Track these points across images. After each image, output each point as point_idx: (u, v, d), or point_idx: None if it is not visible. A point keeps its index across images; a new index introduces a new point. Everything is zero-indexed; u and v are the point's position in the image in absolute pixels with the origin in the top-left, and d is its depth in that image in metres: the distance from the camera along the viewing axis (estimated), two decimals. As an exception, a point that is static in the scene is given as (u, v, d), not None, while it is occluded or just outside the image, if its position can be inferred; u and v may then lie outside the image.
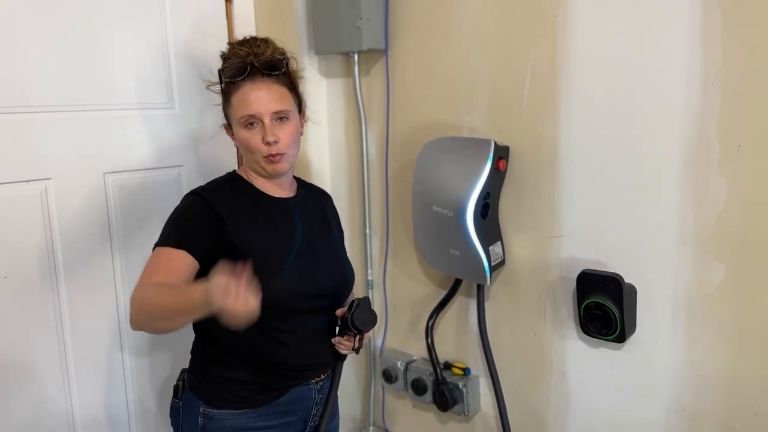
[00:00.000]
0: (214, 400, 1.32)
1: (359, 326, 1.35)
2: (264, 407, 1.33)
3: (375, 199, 1.96)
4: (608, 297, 1.43)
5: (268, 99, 1.29)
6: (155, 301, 1.12)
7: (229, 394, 1.31)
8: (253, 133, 1.29)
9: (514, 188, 1.61)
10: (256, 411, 1.32)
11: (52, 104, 1.54)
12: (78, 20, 1.56)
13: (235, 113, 1.30)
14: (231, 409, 1.31)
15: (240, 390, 1.31)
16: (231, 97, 1.31)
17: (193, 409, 1.33)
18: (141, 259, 1.70)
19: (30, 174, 1.51)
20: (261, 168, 1.33)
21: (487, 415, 1.80)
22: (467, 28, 1.64)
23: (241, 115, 1.29)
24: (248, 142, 1.30)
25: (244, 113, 1.28)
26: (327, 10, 1.80)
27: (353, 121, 1.95)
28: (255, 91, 1.28)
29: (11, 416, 1.53)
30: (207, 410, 1.31)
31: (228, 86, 1.31)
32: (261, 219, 1.33)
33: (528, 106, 1.56)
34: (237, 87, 1.29)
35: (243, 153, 1.35)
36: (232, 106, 1.31)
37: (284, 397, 1.34)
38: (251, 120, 1.29)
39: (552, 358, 1.62)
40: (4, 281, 1.49)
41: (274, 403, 1.34)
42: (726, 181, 1.30)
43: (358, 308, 1.35)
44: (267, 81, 1.29)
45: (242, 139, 1.31)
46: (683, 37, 1.31)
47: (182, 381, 1.38)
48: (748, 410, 1.35)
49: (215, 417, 1.31)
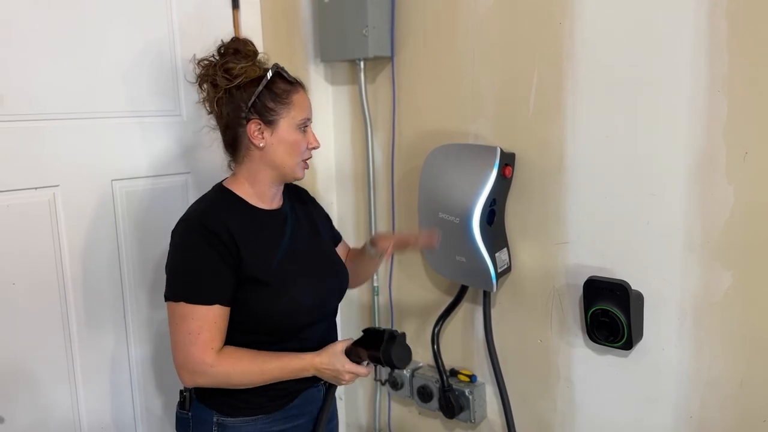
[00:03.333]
0: (228, 409, 1.31)
1: (396, 363, 1.25)
2: (278, 412, 1.33)
3: (381, 205, 1.96)
4: (615, 304, 1.42)
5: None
6: (256, 373, 1.25)
7: (243, 402, 1.30)
8: (305, 136, 1.32)
9: (521, 195, 1.61)
10: (270, 416, 1.32)
11: (60, 112, 1.55)
12: (86, 29, 1.57)
13: (296, 114, 1.29)
14: (245, 416, 1.31)
15: (254, 397, 1.30)
16: (290, 96, 1.29)
17: (204, 419, 1.32)
18: (148, 266, 1.72)
19: (38, 181, 1.52)
20: (292, 172, 1.32)
21: (493, 422, 1.79)
22: (473, 36, 1.65)
23: (302, 117, 1.30)
24: (299, 145, 1.31)
25: (305, 115, 1.31)
26: (333, 17, 1.81)
27: (359, 128, 1.96)
28: (307, 96, 1.34)
29: (18, 421, 1.53)
30: (221, 419, 1.30)
31: (284, 83, 1.30)
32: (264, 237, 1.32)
33: (534, 113, 1.56)
34: (296, 88, 1.31)
35: (278, 156, 1.29)
36: (290, 105, 1.29)
37: (297, 400, 1.35)
38: (307, 123, 1.32)
39: (558, 365, 1.62)
40: (13, 287, 1.49)
41: (286, 408, 1.34)
42: (733, 188, 1.30)
43: (395, 344, 1.25)
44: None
45: (293, 140, 1.30)
46: (689, 44, 1.31)
47: (189, 392, 1.36)
48: (755, 418, 1.34)
49: (230, 425, 1.30)
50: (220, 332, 1.23)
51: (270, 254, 1.30)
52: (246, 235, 1.27)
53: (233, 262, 1.24)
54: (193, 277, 1.23)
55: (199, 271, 1.23)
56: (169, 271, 1.27)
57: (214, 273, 1.23)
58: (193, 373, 1.23)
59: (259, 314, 1.27)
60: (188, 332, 1.21)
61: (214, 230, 1.23)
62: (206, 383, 1.25)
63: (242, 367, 1.24)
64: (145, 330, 1.75)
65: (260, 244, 1.29)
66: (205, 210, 1.29)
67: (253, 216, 1.32)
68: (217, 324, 1.23)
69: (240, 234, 1.25)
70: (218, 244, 1.22)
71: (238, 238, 1.25)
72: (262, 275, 1.27)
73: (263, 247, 1.30)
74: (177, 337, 1.23)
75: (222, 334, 1.24)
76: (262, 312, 1.27)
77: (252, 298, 1.26)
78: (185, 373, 1.24)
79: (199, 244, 1.23)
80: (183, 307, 1.22)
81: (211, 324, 1.22)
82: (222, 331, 1.24)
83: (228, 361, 1.23)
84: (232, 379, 1.25)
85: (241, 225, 1.27)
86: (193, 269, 1.24)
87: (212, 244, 1.22)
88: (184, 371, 1.24)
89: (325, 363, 1.28)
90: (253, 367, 1.25)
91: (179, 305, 1.22)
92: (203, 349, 1.21)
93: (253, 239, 1.28)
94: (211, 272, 1.22)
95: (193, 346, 1.21)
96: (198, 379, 1.24)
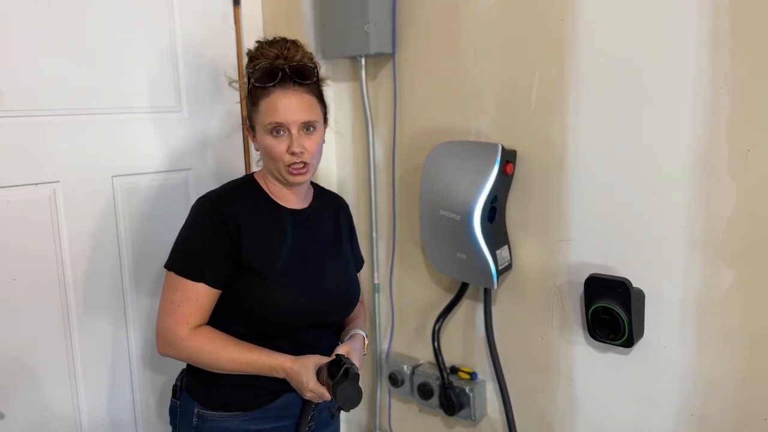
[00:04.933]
0: (208, 402, 1.33)
1: (341, 403, 1.18)
2: (256, 411, 1.33)
3: (382, 202, 1.96)
4: (616, 302, 1.42)
5: (298, 108, 1.26)
6: (224, 357, 1.25)
7: (222, 397, 1.32)
8: (279, 141, 1.27)
9: (522, 192, 1.61)
10: (248, 414, 1.32)
11: (61, 108, 1.55)
12: (87, 24, 1.57)
13: (262, 119, 1.27)
14: (223, 411, 1.32)
15: (233, 393, 1.31)
16: (259, 102, 1.27)
17: (188, 410, 1.34)
18: (148, 262, 1.72)
19: (39, 177, 1.52)
20: (281, 176, 1.31)
21: (493, 420, 1.79)
22: (475, 33, 1.64)
23: (268, 121, 1.26)
24: (272, 150, 1.27)
25: (272, 120, 1.26)
26: (335, 14, 1.81)
27: (360, 125, 1.96)
28: (285, 99, 1.26)
29: (19, 418, 1.53)
30: (201, 411, 1.33)
31: (256, 89, 1.28)
32: (272, 231, 1.32)
33: (536, 110, 1.56)
34: (266, 92, 1.26)
35: (265, 159, 1.33)
36: (259, 111, 1.28)
37: (277, 402, 1.34)
38: (278, 128, 1.26)
39: (559, 362, 1.62)
40: (13, 283, 1.49)
41: (266, 408, 1.33)
42: (735, 186, 1.29)
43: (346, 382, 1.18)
44: (298, 90, 1.27)
45: (266, 145, 1.28)
46: (692, 41, 1.30)
47: (180, 381, 1.39)
48: (757, 416, 1.34)
49: (209, 418, 1.32)
50: (201, 310, 1.26)
51: (275, 250, 1.31)
52: (254, 225, 1.29)
53: (232, 247, 1.26)
54: (187, 251, 1.28)
55: (194, 247, 1.27)
56: (175, 242, 1.31)
57: (208, 252, 1.26)
58: (164, 343, 1.27)
59: (250, 305, 1.28)
60: (171, 302, 1.26)
61: (222, 213, 1.26)
62: (175, 355, 1.28)
63: (212, 347, 1.26)
64: (145, 326, 1.75)
65: (267, 238, 1.30)
66: (221, 193, 1.33)
67: (269, 210, 1.34)
68: (199, 302, 1.25)
69: (248, 223, 1.28)
70: (221, 227, 1.25)
71: (244, 226, 1.27)
72: (261, 267, 1.28)
73: (270, 241, 1.30)
74: (162, 305, 1.28)
75: (203, 312, 1.27)
76: (254, 303, 1.28)
77: (246, 288, 1.27)
78: (159, 340, 1.28)
79: (203, 222, 1.27)
80: (172, 277, 1.26)
81: (192, 300, 1.25)
82: (204, 310, 1.27)
83: (199, 339, 1.25)
84: (200, 357, 1.26)
85: (252, 215, 1.29)
86: (190, 244, 1.28)
87: (215, 226, 1.25)
88: (158, 338, 1.28)
89: (295, 370, 1.25)
90: (222, 351, 1.25)
91: (170, 274, 1.27)
92: (178, 322, 1.24)
93: (261, 231, 1.29)
94: (205, 251, 1.26)
95: (171, 316, 1.25)
96: (168, 349, 1.27)
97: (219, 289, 1.27)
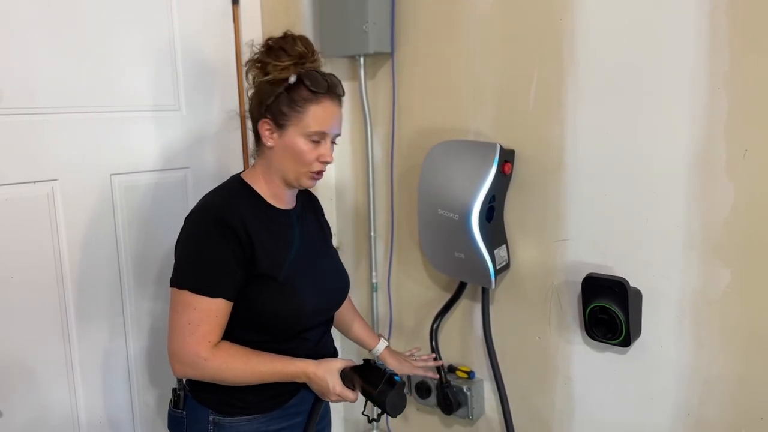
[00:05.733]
0: (225, 408, 1.30)
1: (390, 410, 1.24)
2: (276, 411, 1.32)
3: (380, 202, 1.96)
4: (613, 301, 1.42)
5: (339, 121, 1.32)
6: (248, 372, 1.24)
7: (240, 401, 1.29)
8: (314, 148, 1.28)
9: (520, 192, 1.61)
10: (267, 415, 1.31)
11: (59, 106, 1.55)
12: (86, 23, 1.57)
13: (307, 123, 1.26)
14: (241, 415, 1.30)
15: (251, 397, 1.29)
16: (306, 105, 1.26)
17: (200, 419, 1.31)
18: (147, 260, 1.72)
19: (37, 175, 1.52)
20: (297, 180, 1.31)
21: (491, 418, 1.80)
22: (474, 32, 1.64)
23: (315, 129, 1.26)
24: (305, 155, 1.27)
25: (320, 129, 1.27)
26: (333, 13, 1.81)
27: (359, 124, 1.96)
28: (333, 110, 1.29)
29: (17, 416, 1.53)
30: (217, 418, 1.30)
31: (303, 90, 1.26)
32: (277, 236, 1.31)
33: (534, 109, 1.56)
34: (317, 99, 1.26)
35: (283, 161, 1.29)
36: (303, 114, 1.26)
37: (294, 399, 1.34)
38: (322, 136, 1.28)
39: (557, 362, 1.62)
40: (11, 282, 1.49)
41: (284, 407, 1.33)
42: (733, 185, 1.30)
43: (393, 390, 1.23)
44: (338, 103, 1.31)
45: (300, 149, 1.27)
46: (690, 42, 1.31)
47: (183, 391, 1.35)
48: (753, 415, 1.34)
49: (226, 425, 1.30)
50: (219, 326, 1.23)
51: (283, 254, 1.30)
52: (261, 233, 1.26)
53: (245, 259, 1.23)
54: (202, 267, 1.22)
55: (209, 263, 1.22)
56: (179, 258, 1.26)
57: (224, 267, 1.22)
58: (184, 365, 1.22)
59: (265, 312, 1.26)
60: (188, 322, 1.20)
61: (231, 225, 1.22)
62: (197, 376, 1.24)
63: (235, 364, 1.23)
64: (143, 325, 1.75)
65: (274, 243, 1.29)
66: (223, 203, 1.27)
67: (268, 214, 1.32)
68: (218, 318, 1.22)
69: (256, 232, 1.25)
70: (233, 239, 1.22)
71: (253, 235, 1.24)
72: (274, 274, 1.26)
73: (277, 247, 1.29)
74: (176, 326, 1.22)
75: (221, 328, 1.23)
76: (269, 311, 1.26)
77: (260, 296, 1.25)
78: (177, 363, 1.23)
79: (213, 236, 1.22)
80: (187, 295, 1.21)
81: (212, 317, 1.21)
82: (221, 326, 1.23)
83: (222, 357, 1.22)
84: (223, 375, 1.23)
85: (257, 223, 1.27)
86: (203, 260, 1.22)
87: (227, 238, 1.21)
88: (176, 361, 1.23)
89: (319, 375, 1.26)
90: (246, 367, 1.24)
91: (183, 293, 1.21)
92: (199, 342, 1.20)
93: (268, 238, 1.28)
94: (221, 266, 1.22)
95: (191, 336, 1.20)
96: (189, 371, 1.23)
97: (234, 302, 1.25)
